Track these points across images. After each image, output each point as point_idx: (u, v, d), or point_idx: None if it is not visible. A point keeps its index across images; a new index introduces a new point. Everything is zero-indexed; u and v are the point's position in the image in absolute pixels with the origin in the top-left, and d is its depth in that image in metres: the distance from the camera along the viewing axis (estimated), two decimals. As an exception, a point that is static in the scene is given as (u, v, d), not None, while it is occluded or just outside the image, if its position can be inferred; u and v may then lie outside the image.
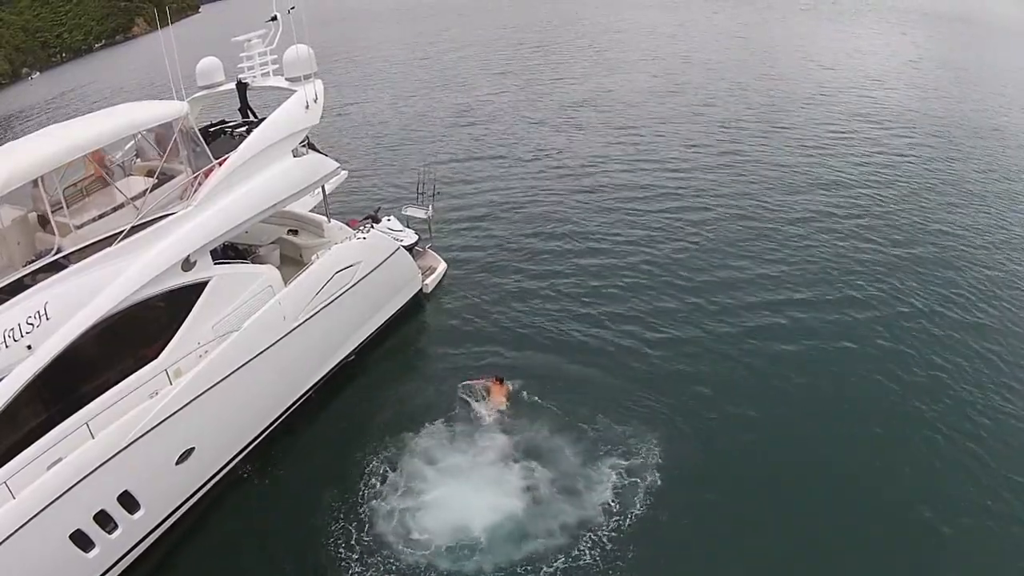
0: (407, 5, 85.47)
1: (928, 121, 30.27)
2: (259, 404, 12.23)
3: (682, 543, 10.51)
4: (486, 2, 77.97)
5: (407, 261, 15.73)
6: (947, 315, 15.89)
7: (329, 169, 14.03)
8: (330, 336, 13.61)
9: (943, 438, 12.38)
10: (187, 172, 11.93)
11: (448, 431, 12.59)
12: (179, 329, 11.08)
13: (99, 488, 9.60)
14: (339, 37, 59.40)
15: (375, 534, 10.73)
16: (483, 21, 65.53)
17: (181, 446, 10.66)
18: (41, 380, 9.43)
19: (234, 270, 12.02)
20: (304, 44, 13.98)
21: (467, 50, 50.74)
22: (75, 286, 9.92)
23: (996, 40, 52.50)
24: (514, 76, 40.98)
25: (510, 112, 33.51)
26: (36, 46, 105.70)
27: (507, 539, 10.46)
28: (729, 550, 10.47)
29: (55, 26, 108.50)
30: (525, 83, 39.09)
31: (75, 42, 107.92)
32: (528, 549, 10.32)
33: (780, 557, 10.33)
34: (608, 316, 16.15)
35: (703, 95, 34.68)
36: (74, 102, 59.93)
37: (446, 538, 10.47)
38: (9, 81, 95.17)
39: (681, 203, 22.07)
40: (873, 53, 44.65)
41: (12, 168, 9.75)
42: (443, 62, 46.94)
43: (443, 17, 71.63)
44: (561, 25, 59.41)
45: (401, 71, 46.10)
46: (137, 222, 10.74)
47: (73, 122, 11.92)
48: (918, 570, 10.34)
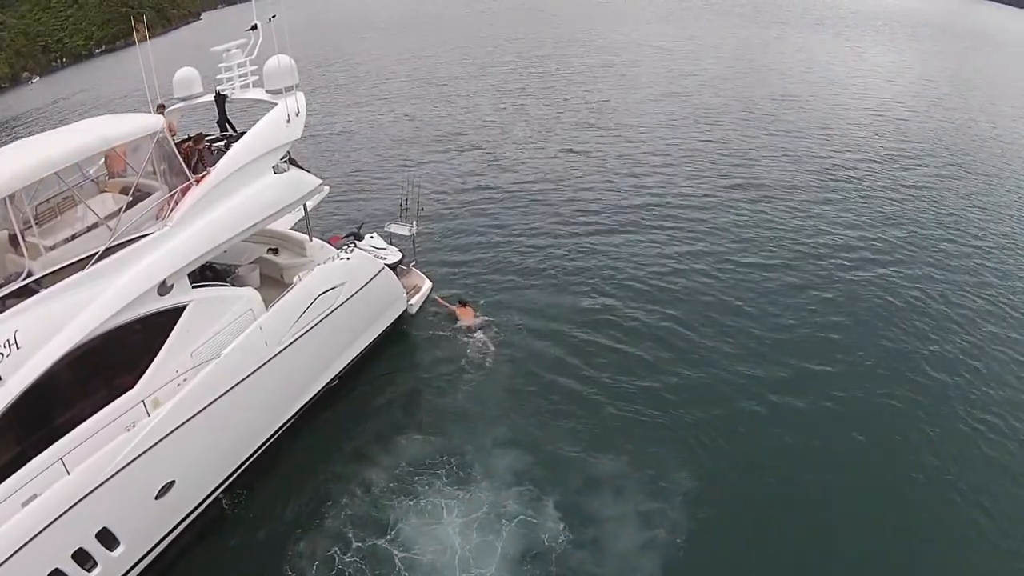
0: (393, 14, 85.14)
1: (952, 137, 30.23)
2: (240, 434, 11.81)
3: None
4: (473, 15, 77.67)
5: (392, 281, 15.23)
6: (998, 357, 15.35)
7: (312, 186, 13.52)
8: (313, 361, 13.17)
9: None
10: (163, 190, 11.42)
11: (436, 462, 12.24)
12: (156, 357, 10.63)
13: (77, 526, 9.24)
14: (321, 46, 58.71)
15: (360, 560, 10.45)
16: (470, 33, 64.94)
17: (161, 480, 10.27)
18: (12, 413, 8.99)
19: (213, 294, 11.54)
20: (286, 55, 13.45)
21: (454, 64, 49.89)
22: (47, 313, 9.44)
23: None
24: (503, 90, 40.35)
25: (498, 127, 32.98)
26: (37, 50, 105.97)
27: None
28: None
29: (56, 31, 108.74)
30: (514, 98, 38.54)
31: (76, 47, 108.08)
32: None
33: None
34: (599, 335, 15.81)
35: (704, 108, 34.53)
36: (73, 107, 59.90)
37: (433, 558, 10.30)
38: (9, 85, 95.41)
39: (678, 221, 21.74)
40: (889, 68, 44.92)
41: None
42: (428, 74, 46.17)
43: (427, 28, 71.37)
44: (550, 39, 58.59)
45: (385, 82, 45.32)
46: (111, 244, 10.26)
47: (44, 136, 11.48)
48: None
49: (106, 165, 12.31)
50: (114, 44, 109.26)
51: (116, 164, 12.24)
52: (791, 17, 70.56)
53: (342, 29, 77.67)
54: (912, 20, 72.30)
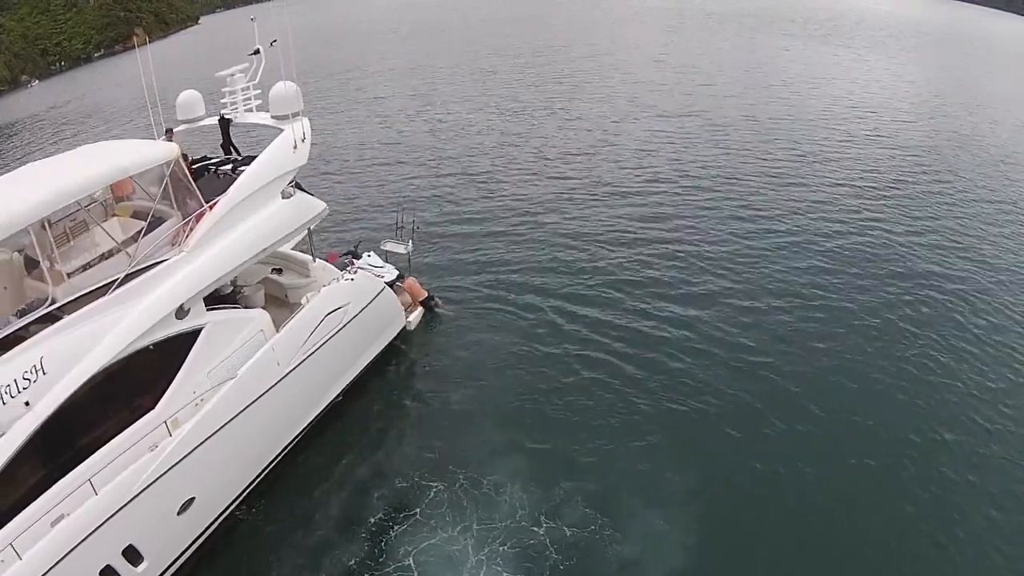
0: (388, 27, 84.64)
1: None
2: (255, 449, 12.34)
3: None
4: (470, 28, 77.43)
5: (392, 299, 15.77)
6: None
7: (317, 210, 14.02)
8: (321, 378, 13.68)
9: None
10: (177, 216, 11.80)
11: (441, 471, 12.72)
12: (175, 378, 11.13)
13: (105, 544, 9.66)
14: (316, 61, 58.07)
15: (372, 564, 10.97)
16: (465, 46, 64.62)
17: (182, 496, 10.76)
18: (40, 436, 9.39)
19: (226, 316, 12.05)
20: (291, 81, 13.88)
21: (450, 78, 49.48)
22: (71, 338, 9.83)
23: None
24: (501, 108, 39.88)
25: (494, 141, 32.96)
26: (35, 53, 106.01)
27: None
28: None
29: (55, 34, 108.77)
30: (511, 112, 38.37)
31: (74, 51, 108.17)
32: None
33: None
34: (595, 350, 16.27)
35: (713, 126, 34.64)
36: (74, 113, 60.04)
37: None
38: (8, 88, 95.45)
39: (679, 236, 22.07)
40: (900, 79, 45.61)
41: (2, 219, 9.40)
42: (425, 90, 45.67)
43: (422, 40, 70.90)
44: (548, 51, 58.47)
45: (380, 99, 44.84)
46: (130, 270, 10.67)
47: (57, 162, 11.70)
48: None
49: (111, 188, 12.29)
50: (112, 48, 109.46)
51: (123, 188, 12.30)
52: (798, 29, 70.94)
53: (340, 41, 77.46)
54: (909, 26, 73.29)
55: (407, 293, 17.02)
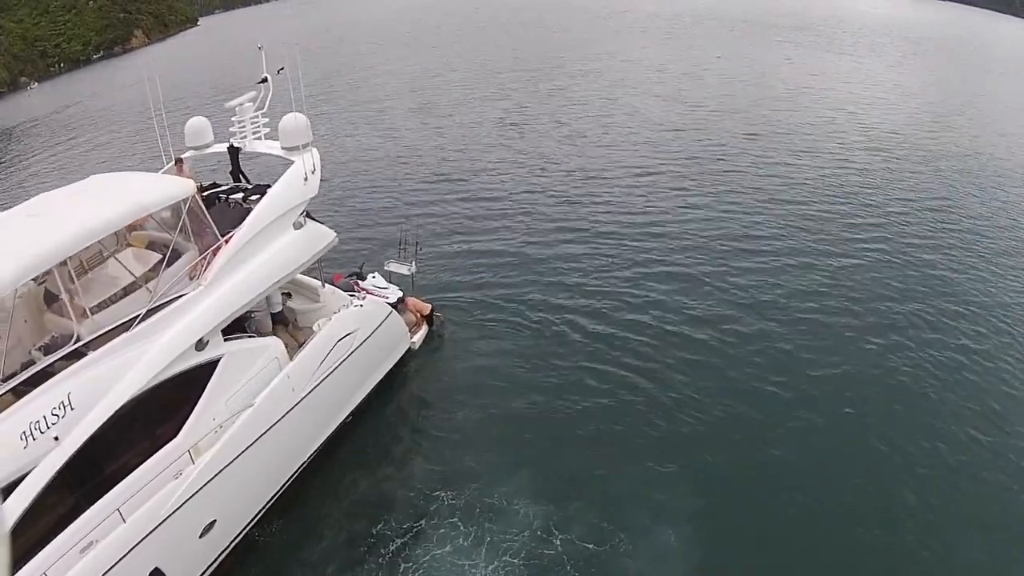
0: (385, 37, 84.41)
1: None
2: (272, 472, 12.88)
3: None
4: (467, 40, 76.96)
5: (398, 322, 16.27)
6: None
7: (328, 239, 14.48)
8: (332, 402, 14.19)
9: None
10: (194, 250, 12.23)
11: (452, 488, 13.16)
12: (195, 408, 11.63)
13: (133, 569, 10.10)
14: (316, 74, 58.16)
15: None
16: (466, 58, 64.36)
17: (204, 520, 11.27)
18: (68, 468, 9.78)
19: (242, 345, 12.53)
20: (301, 114, 14.34)
21: (451, 92, 49.07)
22: (96, 374, 10.23)
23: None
24: (503, 121, 39.78)
25: (495, 159, 32.80)
26: (35, 55, 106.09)
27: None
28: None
29: (54, 36, 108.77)
30: (514, 130, 38.15)
31: (73, 52, 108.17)
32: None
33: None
34: (602, 363, 16.72)
35: (718, 140, 34.79)
36: (75, 116, 60.19)
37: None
38: (8, 90, 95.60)
39: (687, 256, 22.19)
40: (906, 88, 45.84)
41: (25, 263, 9.59)
42: (427, 106, 45.24)
43: (422, 48, 70.62)
44: (550, 63, 58.04)
45: (380, 114, 44.28)
46: (152, 305, 11.11)
47: (72, 195, 11.80)
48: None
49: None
50: (112, 50, 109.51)
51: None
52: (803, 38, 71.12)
53: (340, 51, 77.16)
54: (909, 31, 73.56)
55: (411, 312, 17.46)
